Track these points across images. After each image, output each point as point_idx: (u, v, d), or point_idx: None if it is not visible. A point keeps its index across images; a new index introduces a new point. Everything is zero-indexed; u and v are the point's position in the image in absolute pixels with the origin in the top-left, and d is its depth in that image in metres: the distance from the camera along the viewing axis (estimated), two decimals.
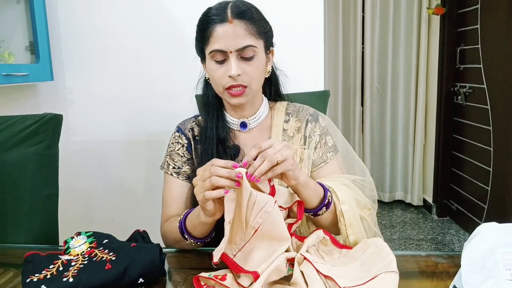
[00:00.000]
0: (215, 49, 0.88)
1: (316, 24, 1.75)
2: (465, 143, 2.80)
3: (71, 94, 1.84)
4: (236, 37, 0.87)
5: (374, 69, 3.25)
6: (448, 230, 2.90)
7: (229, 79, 0.89)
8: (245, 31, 0.88)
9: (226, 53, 0.88)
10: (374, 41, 3.21)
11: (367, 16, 3.18)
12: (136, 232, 0.91)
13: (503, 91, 2.32)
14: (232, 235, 0.76)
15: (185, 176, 1.03)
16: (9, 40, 1.64)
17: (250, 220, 0.74)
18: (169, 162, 1.04)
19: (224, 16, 0.87)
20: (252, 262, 0.75)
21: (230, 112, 1.02)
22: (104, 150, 1.87)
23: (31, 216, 1.11)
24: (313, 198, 0.84)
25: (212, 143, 0.97)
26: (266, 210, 0.74)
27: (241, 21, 0.88)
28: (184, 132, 1.05)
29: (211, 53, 0.90)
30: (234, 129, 1.02)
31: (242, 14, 0.88)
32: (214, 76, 0.92)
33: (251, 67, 0.90)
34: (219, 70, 0.90)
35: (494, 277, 0.65)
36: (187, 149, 1.04)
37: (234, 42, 0.87)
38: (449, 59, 2.86)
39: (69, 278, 0.71)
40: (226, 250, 0.77)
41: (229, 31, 0.87)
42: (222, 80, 0.90)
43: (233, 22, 0.87)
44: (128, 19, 1.77)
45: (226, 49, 0.87)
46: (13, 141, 1.13)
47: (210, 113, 1.00)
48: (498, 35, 2.34)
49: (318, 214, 0.86)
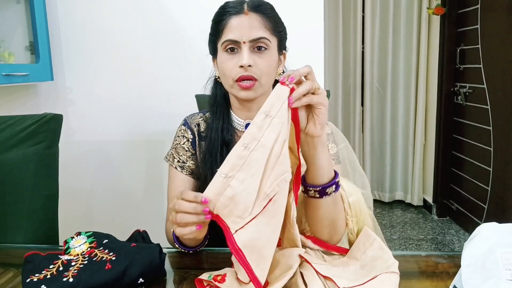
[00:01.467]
0: (228, 39, 0.89)
1: (316, 24, 1.75)
2: (465, 143, 2.80)
3: (71, 94, 1.84)
4: (251, 28, 0.88)
5: (374, 69, 3.25)
6: (448, 230, 2.90)
7: (239, 69, 0.88)
8: (260, 23, 0.89)
9: (239, 44, 0.88)
10: (374, 41, 3.21)
11: (367, 16, 3.18)
12: (136, 232, 0.91)
13: (503, 91, 2.32)
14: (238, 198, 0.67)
15: (189, 171, 1.03)
16: (9, 40, 1.64)
17: (266, 187, 0.66)
18: (174, 155, 1.04)
19: (241, 8, 0.89)
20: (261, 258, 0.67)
21: (237, 112, 1.01)
22: (104, 150, 1.87)
23: (31, 216, 1.11)
24: (324, 170, 0.76)
25: (216, 144, 0.97)
26: (285, 179, 0.67)
27: (257, 14, 0.89)
28: (190, 127, 1.05)
29: (224, 43, 0.90)
30: (239, 130, 1.01)
31: (258, 8, 0.90)
32: (225, 68, 0.91)
33: (263, 60, 0.90)
34: (231, 61, 0.90)
35: (494, 277, 0.65)
36: (191, 144, 1.04)
37: (249, 33, 0.87)
38: (449, 59, 2.86)
39: (69, 278, 0.71)
40: (227, 221, 0.67)
41: (244, 22, 0.88)
42: (232, 71, 0.89)
43: (248, 14, 0.89)
44: (128, 19, 1.77)
45: (240, 39, 0.88)
46: (13, 141, 1.13)
47: (216, 114, 1.00)
48: (498, 35, 2.34)
49: (327, 192, 0.77)
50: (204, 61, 1.85)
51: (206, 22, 1.92)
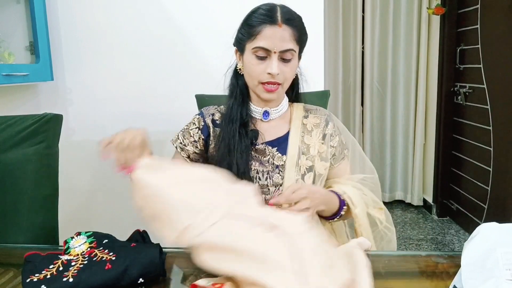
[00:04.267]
0: (261, 46, 0.96)
1: (316, 24, 1.75)
2: (465, 143, 2.80)
3: (71, 94, 1.84)
4: (282, 40, 0.96)
5: (374, 69, 3.25)
6: (448, 230, 2.90)
7: (268, 76, 0.98)
8: (290, 36, 0.97)
9: (269, 52, 0.97)
10: (374, 41, 3.20)
11: (367, 16, 3.18)
12: (136, 232, 0.91)
13: (503, 91, 2.32)
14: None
15: (187, 154, 1.11)
16: (9, 40, 1.64)
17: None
18: (179, 137, 1.13)
19: (275, 19, 0.96)
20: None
21: (255, 103, 1.09)
22: None
23: (31, 216, 1.11)
24: (330, 212, 1.02)
25: (236, 124, 1.05)
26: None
27: (289, 27, 0.97)
28: (204, 117, 1.12)
29: (255, 49, 0.97)
30: (256, 117, 1.09)
31: (291, 22, 0.98)
32: (253, 70, 0.99)
33: (288, 68, 1.00)
34: (260, 66, 0.98)
35: (494, 277, 0.65)
36: (202, 131, 1.11)
37: (280, 44, 0.96)
38: (449, 59, 2.86)
39: (69, 278, 0.71)
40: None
41: (277, 33, 0.96)
42: (260, 75, 0.99)
43: (282, 26, 0.96)
44: (128, 19, 1.77)
45: (271, 49, 0.96)
46: (13, 141, 1.13)
47: (237, 100, 1.07)
48: (498, 35, 2.34)
49: (333, 220, 1.04)
50: (204, 61, 1.85)
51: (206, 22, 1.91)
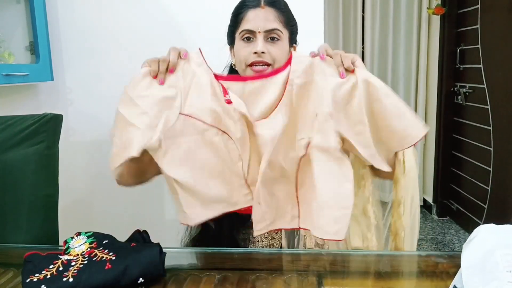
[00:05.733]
0: (245, 28, 0.99)
1: (316, 24, 1.75)
2: (465, 143, 2.80)
3: (71, 94, 1.83)
4: (266, 20, 0.98)
5: (374, 69, 3.25)
6: (448, 230, 2.90)
7: (254, 55, 0.98)
8: (274, 17, 0.99)
9: (254, 33, 0.98)
10: (374, 41, 3.20)
11: (367, 16, 3.18)
12: (136, 232, 0.91)
13: (503, 91, 2.32)
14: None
15: None
16: (9, 40, 1.64)
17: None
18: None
19: (258, 2, 1.00)
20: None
21: None
22: (104, 150, 1.86)
23: (31, 216, 1.11)
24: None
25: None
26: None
27: (271, 8, 0.99)
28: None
29: (241, 33, 1.00)
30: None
31: (273, 3, 1.00)
32: (241, 54, 1.00)
33: (275, 48, 0.99)
34: (246, 48, 1.00)
35: (496, 279, 0.64)
36: None
37: (263, 24, 0.98)
38: (449, 59, 2.86)
39: (69, 278, 0.71)
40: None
41: (260, 14, 0.98)
42: (247, 57, 0.99)
43: (264, 8, 0.99)
44: (128, 19, 1.77)
45: (255, 29, 0.98)
46: (13, 141, 1.13)
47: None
48: (498, 35, 2.34)
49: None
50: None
51: (206, 22, 1.91)
